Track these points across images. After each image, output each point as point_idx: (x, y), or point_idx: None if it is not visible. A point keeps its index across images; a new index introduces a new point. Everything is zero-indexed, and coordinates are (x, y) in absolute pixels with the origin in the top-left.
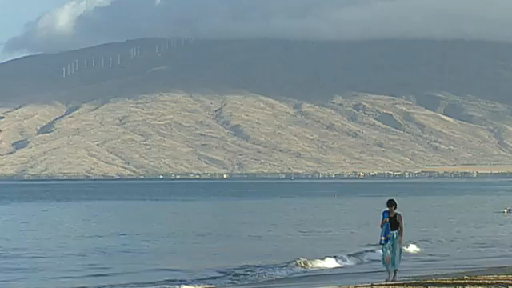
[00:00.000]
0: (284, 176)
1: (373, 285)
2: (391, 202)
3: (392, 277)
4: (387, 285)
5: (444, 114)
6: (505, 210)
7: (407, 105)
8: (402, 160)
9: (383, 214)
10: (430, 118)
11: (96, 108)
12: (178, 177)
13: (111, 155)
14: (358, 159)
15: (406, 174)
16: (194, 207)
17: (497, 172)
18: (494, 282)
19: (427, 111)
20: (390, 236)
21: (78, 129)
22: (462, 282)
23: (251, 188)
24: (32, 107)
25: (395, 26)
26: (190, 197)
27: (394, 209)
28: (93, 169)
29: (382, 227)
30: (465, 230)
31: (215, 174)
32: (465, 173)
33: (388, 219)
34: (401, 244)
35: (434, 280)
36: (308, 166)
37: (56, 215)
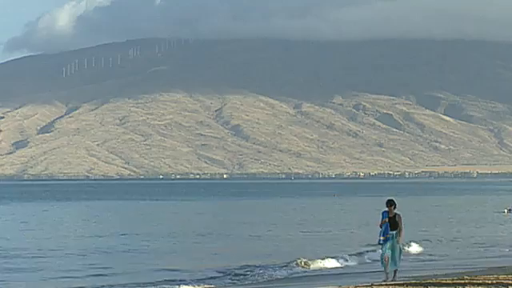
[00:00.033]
0: (284, 176)
1: (373, 285)
2: (390, 202)
3: (391, 277)
4: (387, 285)
5: (444, 114)
6: (505, 210)
7: (407, 105)
8: (402, 160)
9: (383, 214)
10: (430, 118)
11: (96, 108)
12: (178, 177)
13: (111, 155)
14: (358, 159)
15: (406, 174)
16: (194, 207)
17: (497, 172)
18: (494, 281)
19: (427, 111)
20: (389, 236)
21: (78, 129)
22: (462, 281)
23: (251, 188)
24: (32, 107)
25: (395, 26)
26: (190, 197)
27: (394, 209)
28: (93, 169)
29: (382, 227)
30: (465, 230)
31: (215, 173)
32: (465, 173)
33: (387, 219)
34: (400, 244)
35: (434, 280)
36: (308, 166)
37: (56, 215)
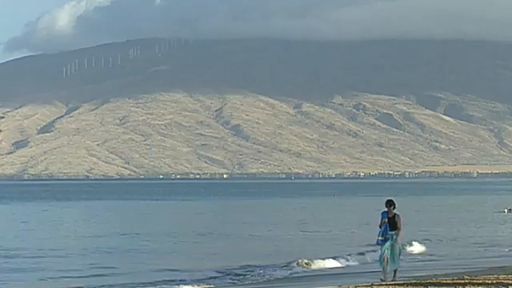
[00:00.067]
0: (284, 176)
1: (373, 285)
2: (390, 203)
3: (391, 277)
4: (387, 285)
5: (444, 114)
6: (505, 210)
7: (407, 105)
8: (402, 160)
9: (382, 214)
10: (430, 117)
11: (96, 108)
12: (178, 177)
13: (111, 155)
14: (358, 159)
15: (406, 173)
16: (194, 207)
17: (497, 172)
18: (494, 281)
19: (427, 111)
20: (388, 236)
21: (78, 129)
22: (462, 281)
23: (251, 188)
24: (32, 107)
25: (395, 26)
26: (190, 197)
27: (393, 209)
28: (93, 169)
29: (381, 227)
30: (465, 230)
31: (215, 173)
32: (465, 173)
33: (387, 219)
34: (399, 243)
35: (434, 280)
36: (308, 166)
37: (56, 215)
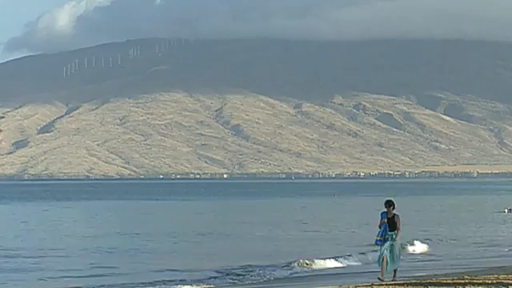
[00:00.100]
0: (284, 176)
1: (373, 285)
2: (389, 203)
3: (391, 277)
4: (387, 284)
5: (444, 114)
6: (505, 210)
7: (407, 105)
8: (402, 160)
9: (381, 214)
10: (430, 117)
11: (96, 108)
12: (178, 176)
13: (111, 155)
14: (359, 159)
15: (407, 173)
16: (194, 207)
17: (497, 172)
18: (495, 281)
19: (427, 111)
20: (388, 237)
21: (78, 129)
22: (463, 281)
23: (251, 188)
24: (32, 107)
25: (395, 26)
26: (190, 197)
27: (393, 209)
28: (93, 169)
29: (381, 228)
30: (465, 230)
31: (215, 173)
32: (465, 173)
33: (386, 220)
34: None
35: (434, 280)
36: (308, 166)
37: (56, 215)
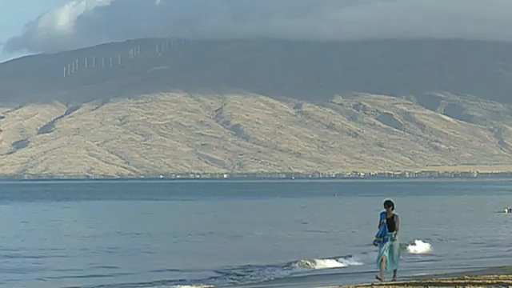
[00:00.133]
0: (284, 176)
1: (373, 285)
2: (388, 203)
3: (391, 277)
4: (387, 284)
5: (444, 114)
6: (505, 210)
7: (407, 105)
8: (402, 160)
9: (381, 215)
10: (430, 117)
11: (96, 108)
12: (178, 176)
13: (111, 155)
14: (359, 159)
15: (407, 173)
16: (194, 207)
17: (497, 172)
18: (495, 281)
19: (427, 111)
20: (387, 237)
21: (78, 129)
22: (463, 281)
23: (251, 188)
24: (32, 107)
25: (395, 25)
26: (190, 197)
27: (392, 210)
28: (93, 169)
29: (380, 228)
30: (465, 230)
31: (215, 173)
32: (465, 173)
33: (385, 220)
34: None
35: (434, 280)
36: (308, 166)
37: (56, 215)
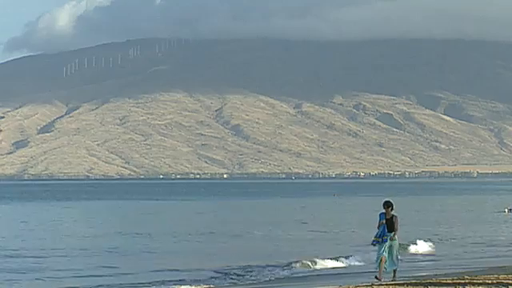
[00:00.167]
0: (284, 176)
1: (373, 285)
2: (387, 204)
3: (391, 277)
4: (387, 284)
5: (444, 114)
6: (505, 210)
7: (407, 105)
8: (402, 160)
9: (380, 215)
10: (430, 117)
11: (96, 108)
12: (178, 176)
13: (111, 155)
14: (359, 159)
15: (407, 173)
16: (194, 207)
17: (497, 172)
18: (495, 281)
19: (427, 111)
20: (386, 237)
21: (78, 129)
22: (463, 281)
23: (251, 188)
24: (32, 107)
25: (395, 26)
26: (190, 197)
27: (391, 210)
28: (93, 169)
29: (379, 229)
30: (465, 230)
31: (215, 173)
32: (465, 173)
33: (385, 221)
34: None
35: (434, 280)
36: (308, 166)
37: (56, 215)
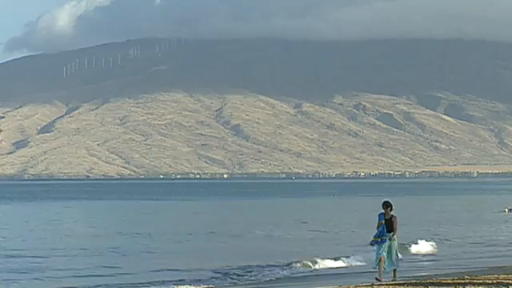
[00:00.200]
0: (284, 176)
1: (373, 285)
2: (387, 204)
3: (391, 277)
4: (387, 284)
5: (444, 114)
6: (505, 210)
7: (407, 105)
8: (402, 160)
9: (379, 216)
10: (430, 117)
11: (96, 108)
12: (178, 176)
13: (111, 155)
14: (359, 159)
15: (407, 173)
16: (195, 207)
17: (497, 172)
18: (495, 281)
19: (427, 111)
20: (385, 238)
21: (78, 129)
22: (463, 281)
23: (251, 188)
24: (32, 107)
25: (395, 26)
26: (190, 197)
27: (390, 211)
28: (93, 169)
29: (378, 229)
30: (465, 230)
31: (215, 173)
32: (465, 173)
33: (384, 221)
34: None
35: (434, 280)
36: (308, 166)
37: (56, 215)
